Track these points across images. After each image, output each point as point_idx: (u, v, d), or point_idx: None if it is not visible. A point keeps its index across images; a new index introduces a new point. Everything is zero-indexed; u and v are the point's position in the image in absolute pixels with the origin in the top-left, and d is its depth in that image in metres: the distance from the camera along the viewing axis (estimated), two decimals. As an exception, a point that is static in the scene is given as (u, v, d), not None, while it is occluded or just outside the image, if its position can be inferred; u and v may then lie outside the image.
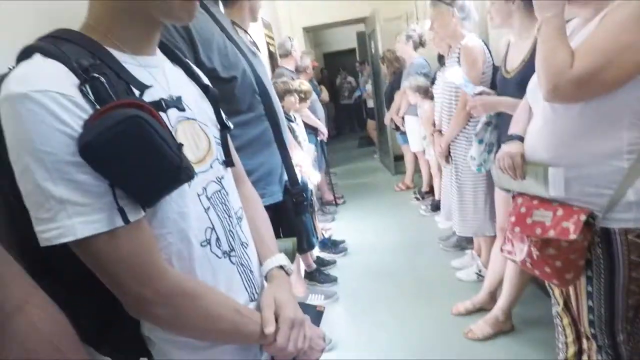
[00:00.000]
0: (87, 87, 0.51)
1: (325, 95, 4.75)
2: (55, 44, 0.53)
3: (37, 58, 0.52)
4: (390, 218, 3.71)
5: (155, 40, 0.66)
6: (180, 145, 0.55)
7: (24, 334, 0.41)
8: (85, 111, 0.50)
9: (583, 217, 1.00)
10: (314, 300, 2.42)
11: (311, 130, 3.40)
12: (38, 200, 0.49)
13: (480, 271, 2.37)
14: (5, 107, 0.49)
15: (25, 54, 0.53)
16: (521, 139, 1.23)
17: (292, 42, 3.38)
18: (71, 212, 0.49)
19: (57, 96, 0.48)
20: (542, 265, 1.09)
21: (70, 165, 0.49)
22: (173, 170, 0.53)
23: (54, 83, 0.49)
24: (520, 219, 1.16)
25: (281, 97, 2.53)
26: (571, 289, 1.16)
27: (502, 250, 1.26)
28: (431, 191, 3.90)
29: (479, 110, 1.73)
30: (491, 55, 1.99)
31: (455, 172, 2.17)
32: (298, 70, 3.53)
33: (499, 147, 1.52)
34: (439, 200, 3.45)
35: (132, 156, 0.50)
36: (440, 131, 2.27)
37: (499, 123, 1.73)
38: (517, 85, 1.52)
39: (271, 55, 3.75)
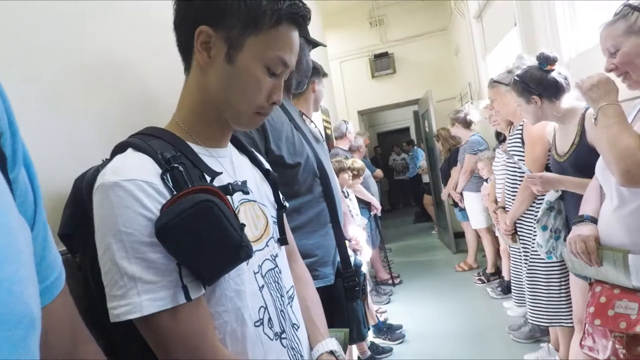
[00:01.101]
0: (168, 175, 0.58)
1: (379, 171, 4.83)
2: (145, 140, 0.63)
3: (129, 152, 0.61)
4: (452, 302, 3.43)
5: (228, 136, 0.75)
6: (243, 225, 0.60)
7: None
8: (164, 197, 0.57)
9: (677, 311, 0.88)
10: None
11: (364, 205, 3.43)
12: (114, 277, 0.54)
13: (560, 369, 2.06)
14: (98, 194, 0.57)
15: (119, 149, 0.63)
16: (593, 220, 1.15)
17: (347, 125, 3.60)
18: (141, 289, 0.54)
19: (142, 184, 0.56)
20: (634, 367, 0.94)
21: (145, 246, 0.54)
22: (234, 249, 0.57)
23: (141, 173, 0.57)
24: (601, 310, 1.03)
25: (336, 175, 2.64)
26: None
27: (581, 345, 1.12)
28: (497, 272, 3.61)
29: (538, 186, 1.66)
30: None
31: (524, 253, 2.02)
32: (352, 150, 3.69)
33: (568, 232, 1.42)
34: (509, 282, 3.17)
35: (201, 236, 0.55)
36: (504, 208, 2.18)
37: (563, 207, 1.64)
38: (572, 168, 1.48)
39: (327, 138, 3.98)
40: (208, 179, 0.64)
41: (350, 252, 1.69)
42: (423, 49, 5.73)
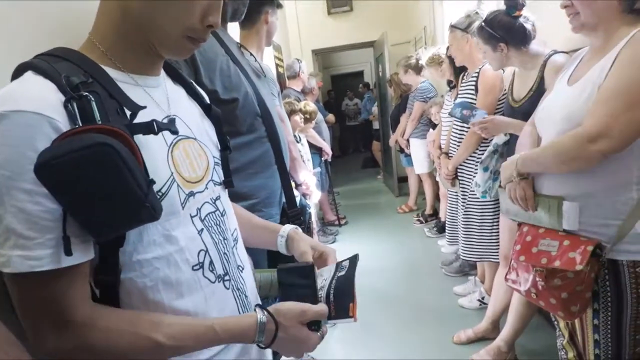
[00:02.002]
0: (74, 105, 0.49)
1: (331, 116, 4.79)
2: (50, 62, 0.52)
3: (28, 75, 0.51)
4: (393, 240, 3.67)
5: (159, 63, 0.65)
6: (151, 181, 0.51)
7: None
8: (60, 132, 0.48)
9: (590, 248, 0.98)
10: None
11: (316, 150, 3.42)
12: None
13: (483, 298, 2.32)
14: None
15: (17, 72, 0.53)
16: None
17: (300, 64, 3.44)
18: (14, 243, 0.47)
19: (35, 118, 0.47)
20: (548, 297, 1.07)
21: (24, 193, 0.47)
22: (134, 208, 0.49)
23: (37, 103, 0.48)
24: (526, 248, 1.14)
25: (288, 117, 2.56)
26: (577, 322, 1.13)
27: (506, 279, 1.24)
28: (434, 214, 3.88)
29: (489, 131, 1.72)
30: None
31: (462, 195, 2.16)
32: (304, 92, 3.59)
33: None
34: (444, 223, 3.44)
35: (91, 186, 0.46)
36: (447, 154, 2.27)
37: (506, 152, 1.73)
38: (525, 115, 1.52)
39: (279, 76, 3.81)
40: (128, 113, 0.55)
41: (296, 193, 1.70)
42: (382, -13, 5.50)
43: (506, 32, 1.53)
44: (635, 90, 0.89)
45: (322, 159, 3.50)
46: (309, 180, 1.85)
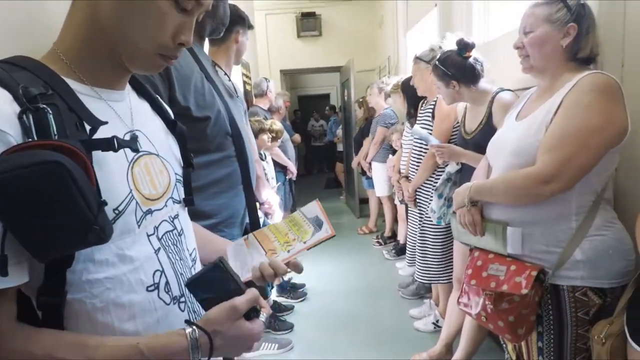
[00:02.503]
0: (30, 117, 0.47)
1: (297, 136, 4.83)
2: (8, 70, 0.50)
3: None
4: (352, 262, 3.70)
5: (125, 77, 0.63)
6: (103, 202, 0.49)
7: None
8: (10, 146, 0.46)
9: (534, 273, 1.05)
10: (267, 349, 2.31)
11: (280, 168, 3.42)
12: None
13: (437, 321, 2.37)
14: None
15: None
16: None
17: (268, 83, 3.47)
18: None
19: None
20: (496, 320, 1.12)
21: None
22: (82, 230, 0.46)
23: None
24: (477, 272, 1.19)
25: (254, 136, 2.56)
26: (523, 344, 1.19)
27: (458, 302, 1.28)
28: (393, 236, 3.96)
29: (444, 156, 1.81)
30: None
31: (419, 218, 2.23)
32: (271, 110, 3.60)
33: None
34: (404, 245, 3.52)
35: (38, 204, 0.44)
36: (407, 177, 2.36)
37: (459, 180, 1.82)
38: (476, 145, 1.64)
39: (246, 94, 3.81)
40: (88, 128, 0.52)
41: (260, 214, 1.68)
42: (350, 16, 5.71)
43: (457, 70, 1.65)
44: (581, 136, 0.99)
45: (287, 177, 3.49)
46: (271, 199, 1.84)
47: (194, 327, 0.56)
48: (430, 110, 2.14)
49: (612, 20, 1.23)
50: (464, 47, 1.64)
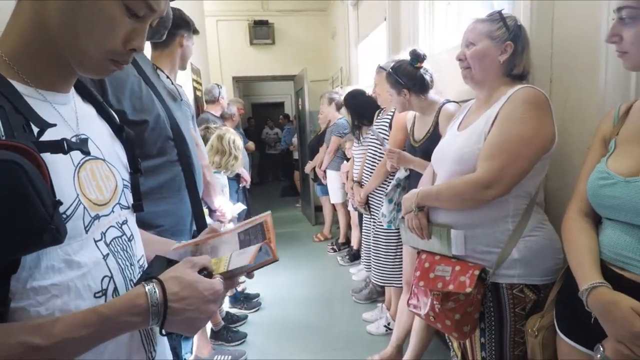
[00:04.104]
0: None
1: (251, 144, 4.78)
2: None
3: None
4: (307, 269, 3.70)
5: (71, 80, 0.62)
6: (58, 202, 0.48)
7: None
8: None
9: (477, 272, 1.11)
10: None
11: (234, 176, 3.35)
12: None
13: (389, 324, 2.43)
14: None
15: None
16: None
17: (220, 89, 3.41)
18: None
19: None
20: (444, 319, 1.17)
21: None
22: (37, 230, 0.46)
23: None
24: (424, 274, 1.24)
25: (205, 143, 2.49)
26: (468, 342, 1.25)
27: (408, 304, 1.33)
28: (347, 242, 4.02)
29: (394, 160, 1.88)
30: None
31: (372, 222, 2.29)
32: (224, 117, 3.54)
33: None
34: (357, 251, 3.57)
35: None
36: (359, 183, 2.42)
37: (407, 186, 1.90)
38: (423, 152, 1.72)
39: (197, 100, 3.72)
40: (35, 130, 0.51)
41: (210, 220, 1.64)
42: (303, 26, 5.78)
43: (409, 80, 1.73)
44: (516, 144, 1.07)
45: (240, 185, 3.43)
46: (224, 206, 1.80)
47: (152, 278, 0.58)
48: (388, 120, 2.21)
49: (542, 42, 1.36)
50: (416, 57, 1.72)
